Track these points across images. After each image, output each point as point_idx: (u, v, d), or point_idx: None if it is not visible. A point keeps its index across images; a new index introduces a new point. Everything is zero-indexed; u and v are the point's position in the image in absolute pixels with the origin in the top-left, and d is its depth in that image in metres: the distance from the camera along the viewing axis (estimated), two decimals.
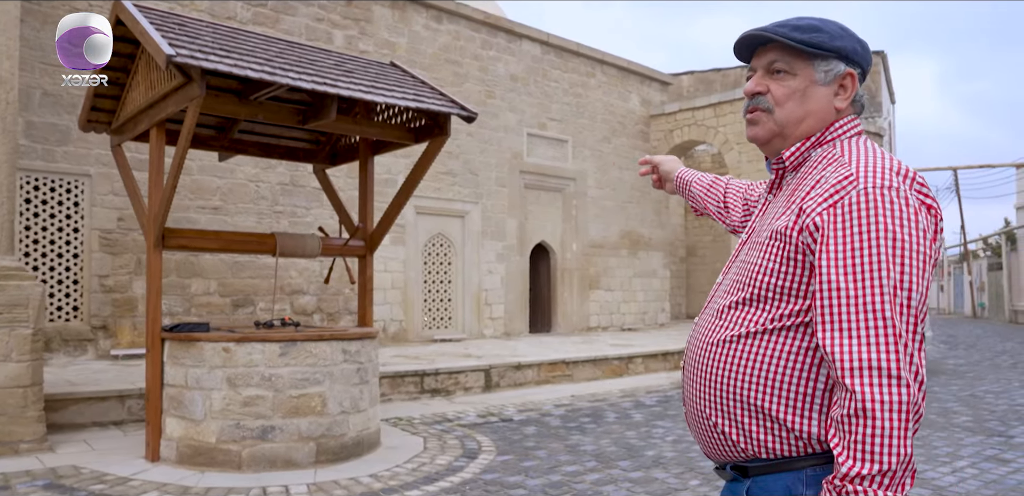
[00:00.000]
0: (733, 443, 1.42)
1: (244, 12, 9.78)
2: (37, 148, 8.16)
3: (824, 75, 1.46)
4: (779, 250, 1.37)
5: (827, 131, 1.47)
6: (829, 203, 1.30)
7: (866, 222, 1.25)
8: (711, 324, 1.49)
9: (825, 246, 1.29)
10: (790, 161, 1.50)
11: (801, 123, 1.48)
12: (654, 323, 15.85)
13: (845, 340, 1.24)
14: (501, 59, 12.99)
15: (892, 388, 1.20)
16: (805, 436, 1.34)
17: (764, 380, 1.37)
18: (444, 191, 11.98)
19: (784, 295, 1.37)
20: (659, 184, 2.19)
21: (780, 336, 1.37)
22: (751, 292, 1.42)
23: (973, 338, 18.42)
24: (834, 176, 1.34)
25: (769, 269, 1.39)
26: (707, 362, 1.46)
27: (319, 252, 5.86)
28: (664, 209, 16.31)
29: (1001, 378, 10.12)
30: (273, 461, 4.83)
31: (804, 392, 1.34)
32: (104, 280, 8.55)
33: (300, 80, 4.64)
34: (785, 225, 1.37)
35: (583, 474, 4.82)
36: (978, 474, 4.92)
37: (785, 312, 1.37)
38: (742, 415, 1.40)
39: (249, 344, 4.86)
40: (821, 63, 1.46)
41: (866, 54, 1.49)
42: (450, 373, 8.06)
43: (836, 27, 1.48)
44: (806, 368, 1.34)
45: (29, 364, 5.11)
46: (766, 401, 1.37)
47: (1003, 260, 28.53)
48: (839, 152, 1.41)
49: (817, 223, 1.31)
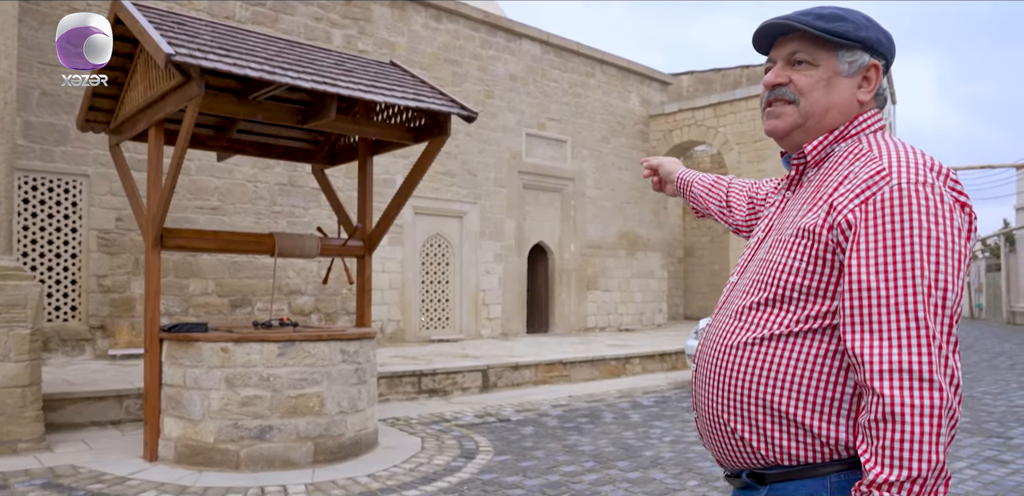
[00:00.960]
0: (753, 450, 1.37)
1: (243, 11, 9.78)
2: (35, 148, 8.15)
3: (848, 66, 1.41)
4: (807, 248, 1.31)
5: (851, 125, 1.42)
6: (861, 199, 1.25)
7: (900, 219, 1.20)
8: (729, 326, 1.43)
9: (857, 244, 1.24)
10: (812, 155, 1.44)
11: (826, 114, 1.42)
12: (652, 324, 15.86)
13: (876, 341, 1.19)
14: (500, 59, 12.98)
15: (924, 391, 1.15)
16: (832, 442, 1.29)
17: (789, 384, 1.32)
18: (442, 191, 11.98)
19: (811, 295, 1.32)
20: (659, 186, 2.13)
21: (807, 338, 1.32)
22: (774, 292, 1.36)
23: (971, 339, 18.43)
24: (864, 171, 1.28)
25: (795, 268, 1.33)
26: (726, 366, 1.40)
27: (317, 252, 5.85)
28: (662, 210, 16.31)
29: (999, 379, 10.12)
30: (271, 461, 4.83)
31: (832, 396, 1.29)
32: (102, 280, 8.54)
33: (300, 79, 4.63)
34: (814, 223, 1.31)
35: (581, 474, 4.81)
36: (977, 475, 4.92)
37: (812, 313, 1.31)
38: (764, 420, 1.34)
39: (247, 344, 4.86)
40: (845, 54, 1.40)
41: (891, 45, 1.44)
42: (448, 373, 8.05)
43: (861, 17, 1.42)
44: (834, 372, 1.29)
45: (27, 364, 5.11)
46: (791, 406, 1.31)
47: (1001, 261, 28.54)
48: (866, 147, 1.35)
49: (850, 220, 1.25)
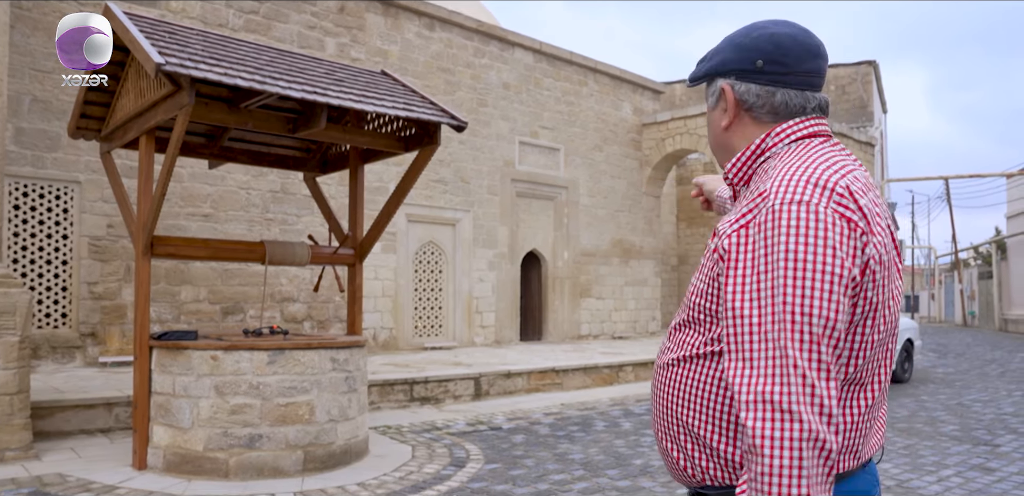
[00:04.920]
0: (682, 468, 1.38)
1: (236, 19, 9.80)
2: (26, 154, 8.15)
3: (712, 99, 1.44)
4: (708, 271, 1.32)
5: (762, 143, 1.37)
6: (740, 224, 1.24)
7: (768, 243, 1.17)
8: (663, 345, 1.46)
9: (730, 270, 1.22)
10: (734, 178, 1.42)
11: (721, 149, 1.47)
12: (645, 331, 15.87)
13: (745, 370, 1.17)
14: (493, 67, 13.03)
15: (782, 423, 1.11)
16: (740, 465, 1.27)
17: (699, 406, 1.32)
18: (435, 199, 12.00)
19: (714, 317, 1.31)
20: (707, 206, 2.07)
21: (710, 360, 1.32)
22: (688, 314, 1.38)
23: (963, 347, 18.49)
24: (751, 193, 1.28)
25: (700, 290, 1.34)
26: (656, 385, 1.43)
27: (308, 260, 5.86)
28: (655, 218, 16.36)
29: (989, 387, 10.16)
30: (260, 469, 4.82)
31: (734, 420, 1.28)
32: (93, 287, 8.53)
33: (290, 89, 4.65)
34: (711, 246, 1.31)
35: (571, 483, 4.82)
36: (963, 483, 4.94)
37: (714, 336, 1.31)
38: (684, 440, 1.35)
39: (237, 352, 4.86)
40: (708, 90, 1.44)
41: (744, 53, 1.36)
42: (440, 381, 8.05)
43: (722, 42, 1.41)
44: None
45: (16, 371, 5.09)
46: (702, 428, 1.32)
47: (993, 269, 28.68)
48: (777, 162, 1.31)
49: (726, 245, 1.24)
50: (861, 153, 17.50)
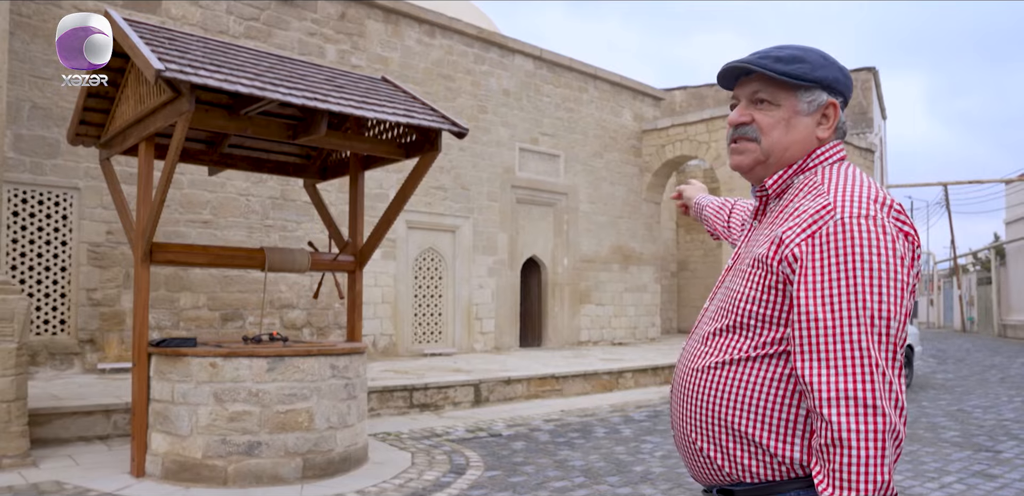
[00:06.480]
0: (719, 467, 1.45)
1: (237, 26, 9.82)
2: (26, 161, 8.14)
3: (808, 105, 1.48)
4: (761, 278, 1.40)
5: (808, 158, 1.49)
6: (808, 234, 1.32)
7: (843, 252, 1.27)
8: (696, 350, 1.52)
9: (803, 277, 1.31)
10: (772, 189, 1.51)
11: (785, 152, 1.49)
12: (645, 337, 15.85)
13: (823, 370, 1.27)
14: (494, 74, 13.05)
15: (869, 417, 1.22)
16: (788, 461, 1.37)
17: (747, 406, 1.40)
18: (435, 206, 11.99)
19: (766, 322, 1.40)
20: (685, 210, 2.25)
21: (763, 363, 1.40)
22: (734, 319, 1.44)
23: (962, 352, 18.47)
24: (813, 206, 1.36)
25: (751, 297, 1.41)
26: (692, 387, 1.49)
27: (308, 267, 5.85)
28: (655, 224, 16.35)
29: (989, 393, 10.14)
30: (259, 477, 4.79)
31: (786, 418, 1.37)
32: (92, 294, 8.51)
33: (290, 95, 4.65)
34: (765, 254, 1.39)
35: (571, 490, 4.80)
36: (966, 489, 4.92)
37: (767, 340, 1.40)
38: (726, 440, 1.42)
39: (236, 359, 4.84)
40: (804, 93, 1.47)
41: (848, 82, 1.50)
42: (439, 388, 8.02)
43: (818, 56, 1.48)
44: (787, 394, 1.37)
45: (13, 378, 5.07)
46: (749, 426, 1.40)
47: (992, 274, 28.67)
48: (820, 179, 1.42)
49: (795, 254, 1.33)
50: (861, 159, 17.51)
